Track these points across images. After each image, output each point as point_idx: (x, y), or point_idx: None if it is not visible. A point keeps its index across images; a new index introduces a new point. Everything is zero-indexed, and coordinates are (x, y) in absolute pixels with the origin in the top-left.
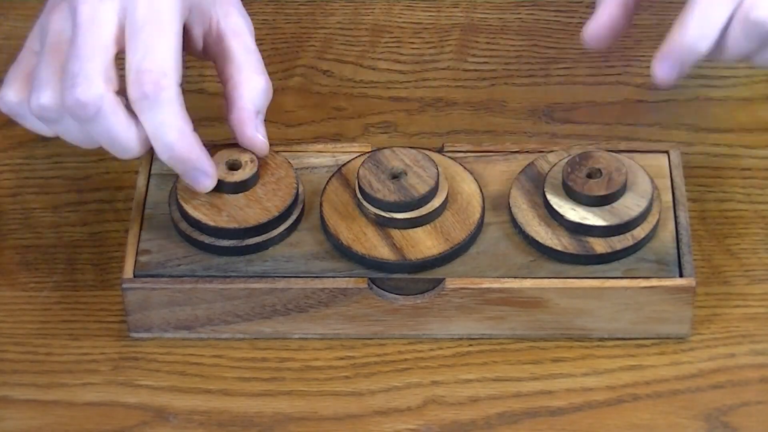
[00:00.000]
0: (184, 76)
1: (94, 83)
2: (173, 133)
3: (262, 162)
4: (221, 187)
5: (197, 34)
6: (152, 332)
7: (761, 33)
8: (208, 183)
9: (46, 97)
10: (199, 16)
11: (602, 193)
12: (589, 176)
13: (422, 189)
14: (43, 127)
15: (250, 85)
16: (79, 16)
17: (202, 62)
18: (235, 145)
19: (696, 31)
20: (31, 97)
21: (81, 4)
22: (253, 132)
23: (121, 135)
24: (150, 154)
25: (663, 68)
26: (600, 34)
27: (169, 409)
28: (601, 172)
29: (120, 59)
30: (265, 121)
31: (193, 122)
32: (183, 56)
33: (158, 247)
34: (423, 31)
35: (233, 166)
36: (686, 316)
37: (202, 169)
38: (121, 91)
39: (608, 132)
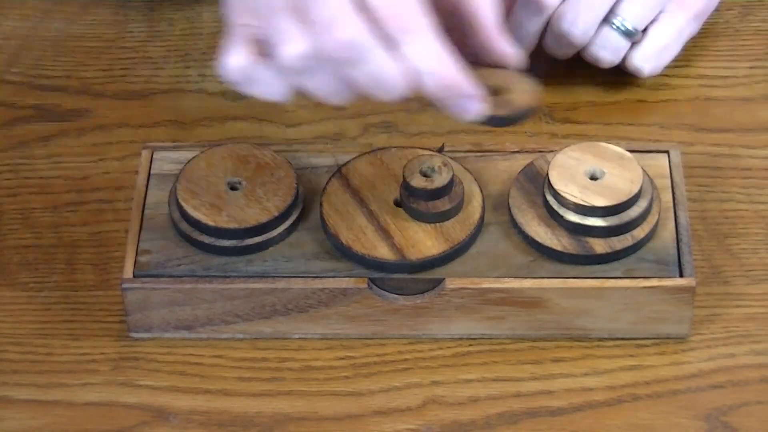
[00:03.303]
0: None
1: (352, 22)
2: (441, 58)
3: (262, 162)
4: (417, 193)
5: None
6: (152, 332)
7: (568, 42)
8: (478, 107)
9: (297, 46)
10: None
11: (447, 207)
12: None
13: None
14: (282, 88)
15: (484, 3)
16: None
17: (201, 62)
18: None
19: (512, 35)
20: (280, 51)
21: None
22: (506, 45)
23: (386, 71)
24: (150, 154)
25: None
26: None
27: (169, 409)
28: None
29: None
30: (265, 121)
31: (193, 122)
32: None
33: (158, 247)
34: None
35: (426, 173)
36: (686, 316)
37: (471, 94)
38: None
39: (608, 132)
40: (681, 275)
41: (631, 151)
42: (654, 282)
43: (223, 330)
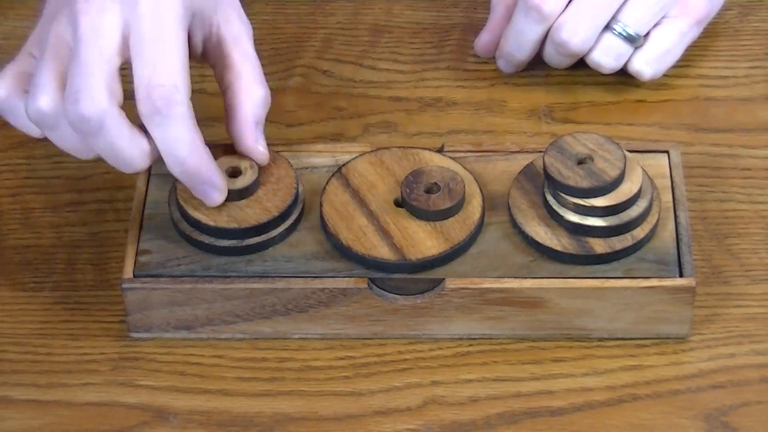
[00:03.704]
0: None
1: (97, 98)
2: (185, 147)
3: None
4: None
5: (197, 39)
6: (152, 332)
7: (568, 51)
8: (218, 197)
9: (44, 101)
10: (200, 22)
11: (447, 205)
12: (429, 191)
13: (612, 172)
14: (32, 129)
15: (249, 94)
16: (80, 28)
17: (202, 62)
18: (234, 149)
19: (512, 44)
20: (29, 101)
21: (81, 14)
22: (253, 143)
23: (124, 149)
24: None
25: (500, 63)
26: (489, 46)
27: (169, 409)
28: (438, 186)
29: (123, 69)
30: (265, 121)
31: None
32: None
33: (158, 247)
34: (423, 31)
35: (234, 173)
36: (686, 316)
37: (213, 184)
38: (124, 104)
39: (608, 132)
40: (681, 275)
41: (631, 151)
42: (654, 282)
43: (223, 330)
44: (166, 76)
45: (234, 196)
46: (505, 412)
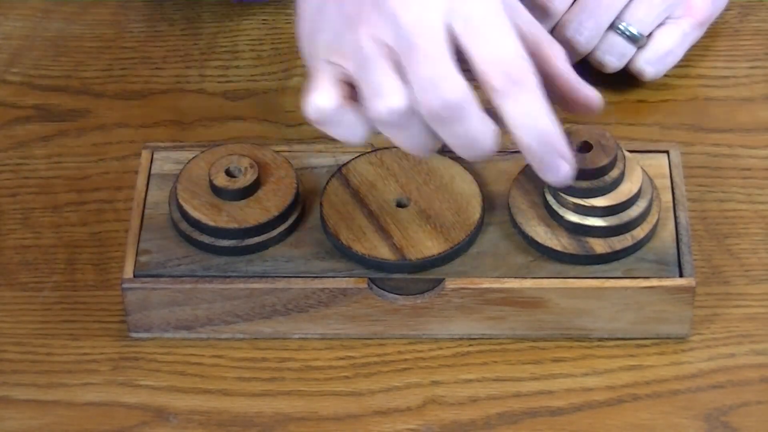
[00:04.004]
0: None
1: (457, 82)
2: (545, 117)
3: (262, 162)
4: (221, 194)
5: None
6: (152, 332)
7: (572, 49)
8: (569, 170)
9: (396, 99)
10: None
11: (604, 162)
12: (581, 150)
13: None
14: (358, 136)
15: (556, 53)
16: (405, 23)
17: (201, 62)
18: (231, 150)
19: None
20: (375, 104)
21: (401, 9)
22: (586, 87)
23: (482, 133)
24: (150, 154)
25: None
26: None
27: (169, 409)
28: (589, 144)
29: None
30: (265, 121)
31: (193, 122)
32: None
33: (158, 247)
34: None
35: (232, 173)
36: (686, 316)
37: (566, 155)
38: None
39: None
40: (681, 275)
41: (631, 151)
42: (654, 282)
43: (223, 330)
44: (514, 50)
45: (233, 196)
46: (505, 412)
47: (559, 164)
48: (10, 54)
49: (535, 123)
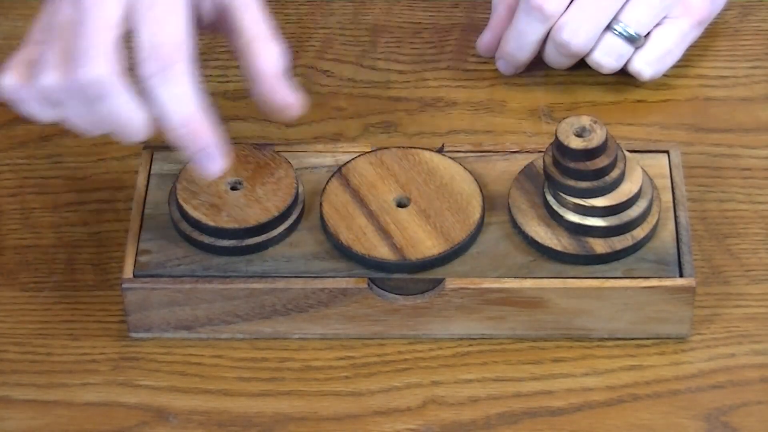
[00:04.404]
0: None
1: (99, 61)
2: (189, 105)
3: (262, 162)
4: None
5: (206, 8)
6: (152, 332)
7: (569, 51)
8: (218, 167)
9: (50, 77)
10: None
11: (604, 163)
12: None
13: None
14: (44, 112)
15: (267, 52)
16: (83, 2)
17: (201, 62)
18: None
19: (513, 44)
20: (36, 79)
21: None
22: (287, 92)
23: (126, 114)
24: (150, 154)
25: (499, 65)
26: (491, 46)
27: (169, 409)
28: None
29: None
30: (265, 121)
31: None
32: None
33: (158, 247)
34: (423, 31)
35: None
36: (686, 316)
37: (214, 150)
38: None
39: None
40: (681, 275)
41: (631, 151)
42: (654, 282)
43: (223, 330)
44: (170, 35)
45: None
46: (505, 412)
47: (206, 157)
48: (10, 54)
49: (181, 110)
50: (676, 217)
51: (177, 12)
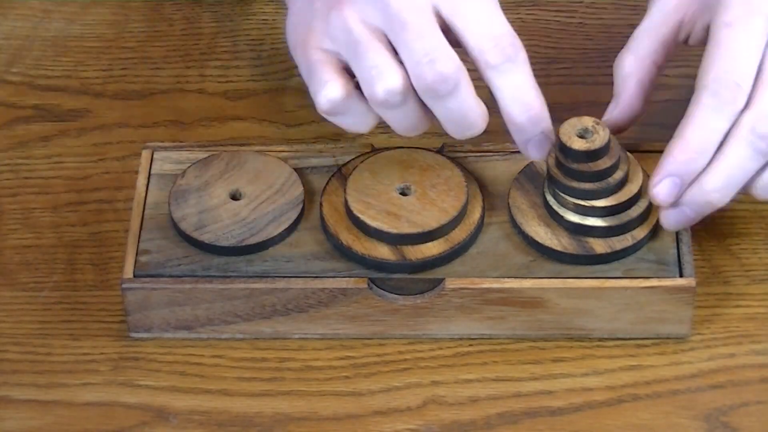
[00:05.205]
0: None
1: (451, 55)
2: (534, 91)
3: (425, 164)
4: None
5: None
6: (152, 332)
7: (763, 148)
8: (544, 154)
9: (393, 80)
10: None
11: (608, 165)
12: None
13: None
14: (365, 121)
15: None
16: (393, 3)
17: (201, 62)
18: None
19: (722, 181)
20: (375, 86)
21: None
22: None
23: (474, 108)
24: (150, 154)
25: (664, 186)
26: (620, 125)
27: (169, 409)
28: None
29: None
30: (265, 121)
31: (193, 122)
32: None
33: (158, 247)
34: None
35: (583, 135)
36: (686, 316)
37: (549, 134)
38: None
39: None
40: (681, 275)
41: (631, 151)
42: (654, 282)
43: (223, 330)
44: (505, 26)
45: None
46: (505, 412)
47: (542, 140)
48: (10, 54)
49: (525, 98)
50: None
51: (495, 4)
